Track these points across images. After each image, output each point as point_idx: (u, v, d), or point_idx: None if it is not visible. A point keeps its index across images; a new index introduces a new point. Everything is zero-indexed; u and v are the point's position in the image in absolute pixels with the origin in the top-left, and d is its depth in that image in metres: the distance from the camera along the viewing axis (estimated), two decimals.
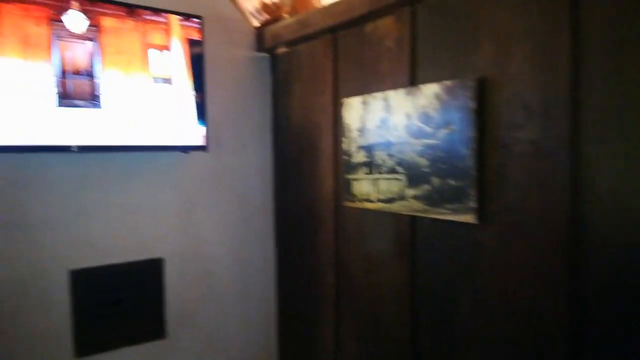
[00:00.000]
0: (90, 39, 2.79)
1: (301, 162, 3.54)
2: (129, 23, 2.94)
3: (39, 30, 2.63)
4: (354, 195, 3.00)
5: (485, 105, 2.21)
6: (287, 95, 3.67)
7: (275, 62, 3.78)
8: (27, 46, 2.59)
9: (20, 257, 2.81)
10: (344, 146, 3.06)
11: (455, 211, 2.32)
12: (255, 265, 3.81)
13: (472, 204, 2.24)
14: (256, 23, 3.74)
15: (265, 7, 3.66)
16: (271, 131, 3.85)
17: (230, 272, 3.68)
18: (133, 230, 3.22)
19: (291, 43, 3.54)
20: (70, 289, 2.97)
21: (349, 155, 3.02)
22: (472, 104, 2.23)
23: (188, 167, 3.44)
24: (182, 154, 3.33)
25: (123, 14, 2.91)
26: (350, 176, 3.01)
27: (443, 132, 2.37)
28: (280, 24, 3.56)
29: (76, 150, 2.74)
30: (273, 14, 3.71)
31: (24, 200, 2.81)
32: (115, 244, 3.15)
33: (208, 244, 3.56)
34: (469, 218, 2.27)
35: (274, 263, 3.89)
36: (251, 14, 3.70)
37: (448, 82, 2.34)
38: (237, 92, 3.66)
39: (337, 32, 3.10)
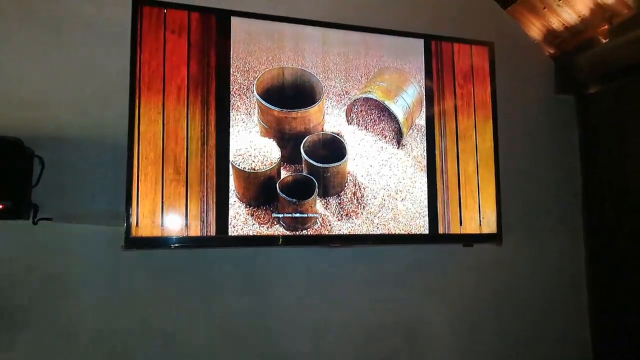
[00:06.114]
0: None
1: None
2: None
3: None
4: None
5: None
6: (616, 152, 2.31)
7: (586, 105, 2.49)
8: None
9: None
10: None
11: None
12: None
13: None
14: (549, 50, 2.56)
15: (565, 29, 2.47)
16: (583, 211, 2.47)
17: None
18: None
19: (624, 73, 2.22)
20: None
21: None
22: None
23: (463, 270, 2.26)
24: (457, 248, 2.17)
25: None
26: None
27: None
28: (597, 50, 2.31)
29: (280, 242, 1.83)
30: (577, 37, 2.48)
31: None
32: None
33: None
34: None
35: None
36: (542, 39, 2.55)
37: None
38: (526, 151, 2.44)
39: None
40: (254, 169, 1.81)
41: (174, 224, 1.71)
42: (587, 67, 2.35)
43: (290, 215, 1.84)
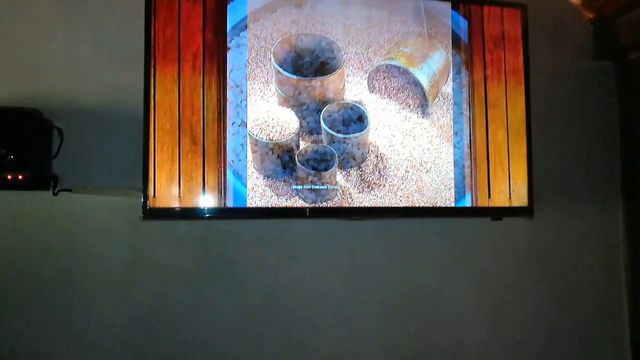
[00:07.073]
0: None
1: None
2: None
3: None
4: None
5: None
6: None
7: (627, 72, 2.32)
8: None
9: None
10: None
11: None
12: None
13: None
14: (588, 15, 2.39)
15: None
16: (622, 185, 2.33)
17: None
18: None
19: None
20: None
21: None
22: None
23: (492, 245, 2.17)
24: (485, 222, 2.07)
25: None
26: None
27: None
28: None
29: (308, 214, 1.77)
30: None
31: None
32: None
33: None
34: None
35: None
36: (580, 3, 2.38)
37: None
38: (561, 120, 2.29)
39: None
40: (272, 140, 1.76)
41: (191, 194, 1.69)
42: (629, 31, 2.18)
43: (309, 187, 1.78)
